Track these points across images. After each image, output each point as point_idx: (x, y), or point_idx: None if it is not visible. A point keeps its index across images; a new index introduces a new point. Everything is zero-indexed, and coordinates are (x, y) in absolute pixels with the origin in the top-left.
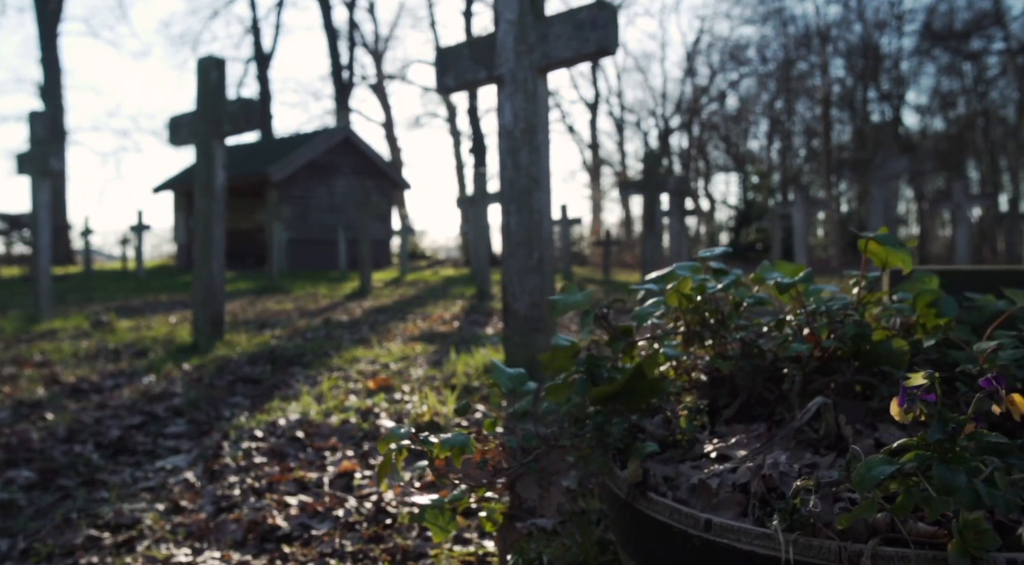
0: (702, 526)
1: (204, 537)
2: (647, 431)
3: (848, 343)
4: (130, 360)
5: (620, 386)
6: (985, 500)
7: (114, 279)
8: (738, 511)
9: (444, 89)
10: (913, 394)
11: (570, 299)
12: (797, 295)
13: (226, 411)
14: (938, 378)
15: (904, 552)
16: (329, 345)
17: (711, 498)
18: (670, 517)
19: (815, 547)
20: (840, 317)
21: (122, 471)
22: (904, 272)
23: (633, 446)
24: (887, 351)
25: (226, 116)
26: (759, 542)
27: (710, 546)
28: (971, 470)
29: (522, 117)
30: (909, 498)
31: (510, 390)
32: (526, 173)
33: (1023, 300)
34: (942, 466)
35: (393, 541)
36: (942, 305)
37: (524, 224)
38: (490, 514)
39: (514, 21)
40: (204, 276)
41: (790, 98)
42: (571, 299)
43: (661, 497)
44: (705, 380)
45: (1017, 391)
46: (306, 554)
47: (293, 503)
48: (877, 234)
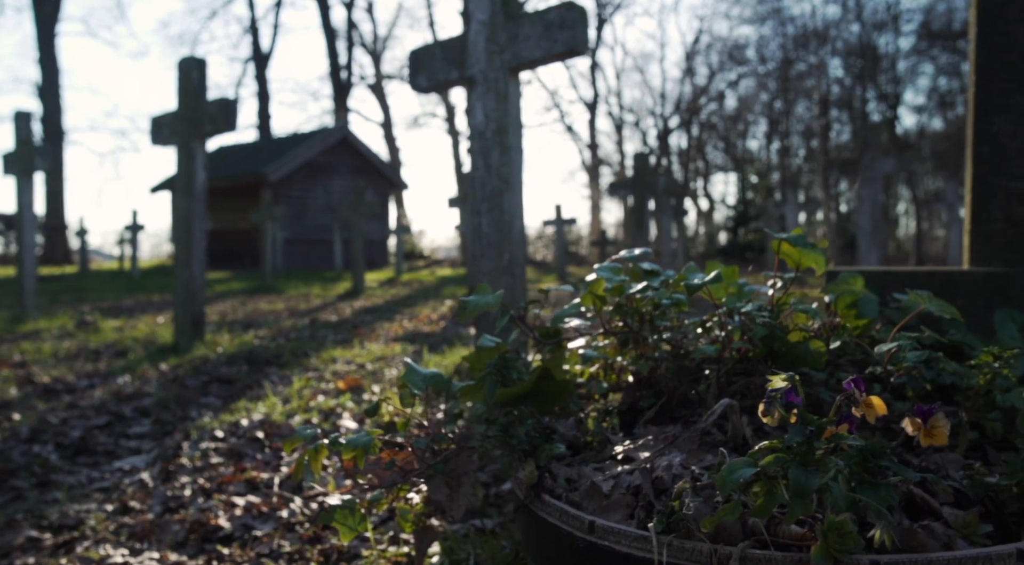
0: (586, 528)
1: (146, 537)
2: (558, 433)
3: (759, 344)
4: (109, 360)
5: (528, 388)
6: (839, 502)
7: (109, 279)
8: (627, 513)
9: (417, 89)
10: (773, 397)
11: (481, 301)
12: (710, 296)
13: (194, 411)
14: (798, 380)
15: (772, 554)
16: (310, 345)
17: (602, 500)
18: (559, 519)
19: (688, 549)
20: (750, 319)
21: (79, 472)
22: (817, 273)
23: (542, 447)
24: (804, 352)
25: (206, 116)
26: (636, 544)
27: (593, 548)
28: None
29: (493, 118)
30: (770, 500)
31: (424, 391)
32: (497, 174)
33: (928, 302)
34: (797, 468)
35: (330, 542)
36: (862, 306)
37: (495, 225)
38: (403, 515)
39: (485, 21)
40: (184, 276)
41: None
42: (482, 301)
43: (556, 499)
44: (631, 381)
45: (927, 393)
46: (243, 555)
47: (240, 504)
48: (789, 235)
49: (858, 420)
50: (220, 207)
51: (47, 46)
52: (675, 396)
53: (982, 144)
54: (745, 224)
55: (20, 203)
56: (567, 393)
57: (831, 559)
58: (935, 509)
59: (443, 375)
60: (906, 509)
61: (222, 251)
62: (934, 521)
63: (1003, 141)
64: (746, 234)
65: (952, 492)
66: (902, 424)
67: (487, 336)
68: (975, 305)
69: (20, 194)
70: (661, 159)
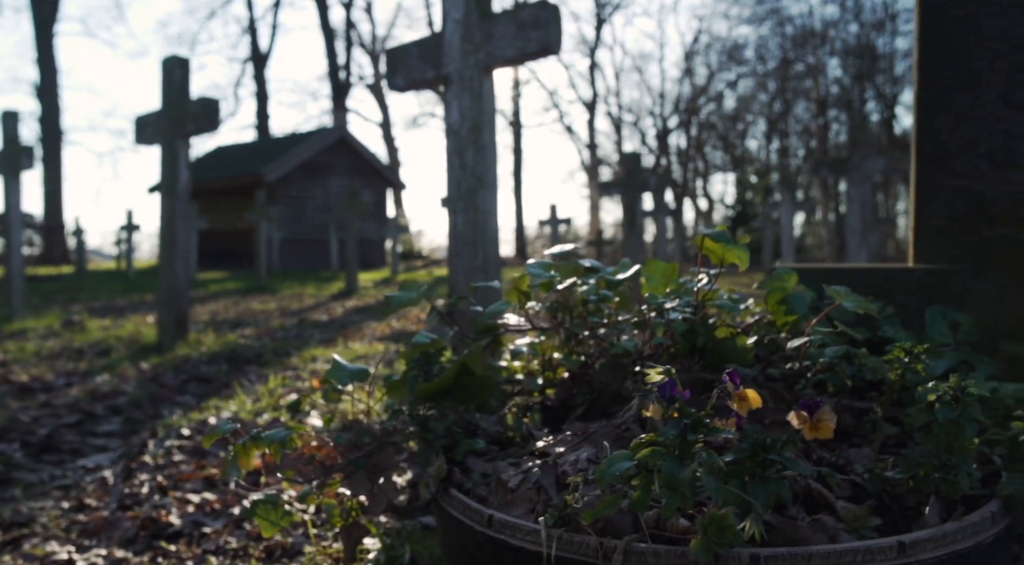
0: (485, 522)
1: (97, 535)
2: (482, 428)
3: (679, 340)
4: (91, 359)
5: (447, 383)
6: (716, 496)
7: (105, 279)
8: (529, 508)
9: (394, 88)
10: (649, 391)
11: (404, 297)
12: (632, 292)
13: (165, 410)
14: (675, 373)
15: (655, 548)
16: (293, 345)
17: (507, 495)
18: (463, 513)
19: (576, 543)
20: (671, 314)
21: (42, 470)
22: (740, 269)
23: (462, 442)
24: (731, 348)
25: (189, 116)
26: (530, 538)
27: (491, 542)
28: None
29: (468, 116)
30: (646, 494)
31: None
32: (472, 173)
33: (845, 298)
34: (669, 461)
35: (275, 538)
36: (792, 302)
37: (470, 224)
38: (329, 510)
39: (460, 20)
40: (168, 276)
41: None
42: (405, 297)
43: (464, 494)
44: (566, 377)
45: (847, 389)
46: (188, 552)
47: (195, 501)
48: (712, 231)
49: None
50: (218, 207)
51: (45, 46)
52: (606, 392)
53: (925, 141)
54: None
55: (8, 202)
56: (488, 389)
57: (711, 553)
58: (830, 503)
59: (369, 371)
60: (805, 503)
61: (220, 251)
62: (829, 515)
63: (945, 138)
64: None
65: (850, 486)
66: (787, 418)
67: (423, 332)
68: (916, 302)
69: (8, 193)
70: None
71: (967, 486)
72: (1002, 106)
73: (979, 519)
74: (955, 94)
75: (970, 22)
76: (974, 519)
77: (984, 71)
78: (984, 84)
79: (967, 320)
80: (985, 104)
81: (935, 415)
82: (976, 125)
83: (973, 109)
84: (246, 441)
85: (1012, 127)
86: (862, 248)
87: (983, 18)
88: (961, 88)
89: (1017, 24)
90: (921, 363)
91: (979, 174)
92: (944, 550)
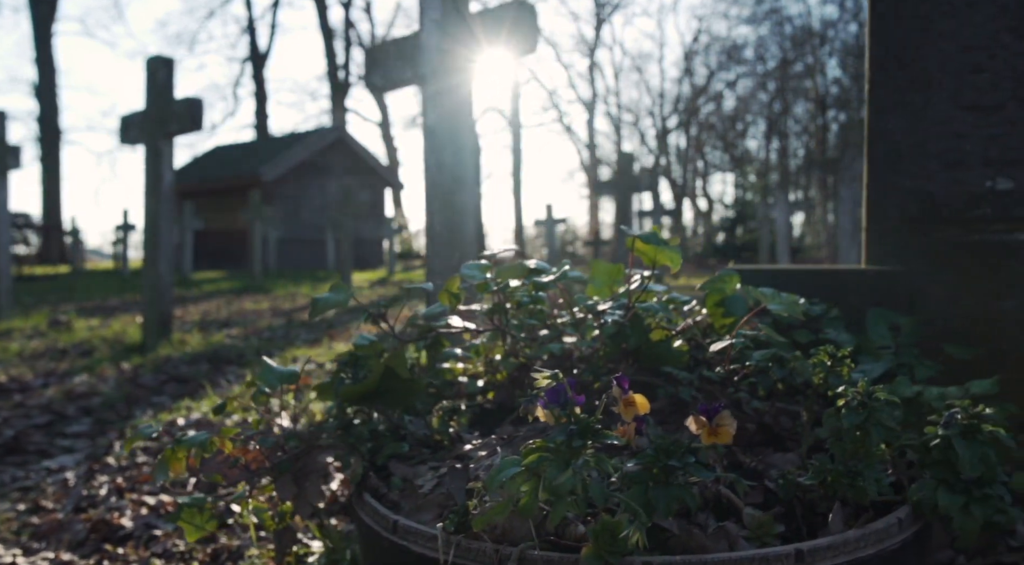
0: (391, 528)
1: (47, 537)
2: (409, 431)
3: (607, 342)
4: (73, 360)
5: (372, 386)
6: (596, 498)
7: (100, 279)
8: (438, 513)
9: (372, 87)
10: (535, 395)
11: (331, 299)
12: (563, 295)
13: (139, 411)
14: (563, 378)
15: (548, 555)
16: (278, 345)
17: (418, 499)
18: (372, 518)
19: (473, 549)
20: (606, 316)
21: (4, 471)
22: (672, 271)
23: (388, 445)
24: (666, 351)
25: (173, 116)
26: (430, 544)
27: (395, 548)
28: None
29: (446, 116)
30: (533, 499)
31: (276, 389)
32: (450, 173)
33: (771, 300)
34: (551, 467)
35: (222, 541)
36: (729, 305)
37: (447, 224)
38: (258, 514)
39: (437, 20)
40: (152, 276)
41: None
42: (332, 299)
43: (376, 499)
44: (506, 379)
45: (781, 392)
46: (136, 554)
47: (150, 503)
48: (642, 232)
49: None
50: (215, 207)
51: (44, 46)
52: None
53: (877, 142)
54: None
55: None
56: (416, 392)
57: (602, 560)
58: (738, 509)
59: (298, 373)
60: (716, 509)
61: (218, 251)
62: (735, 522)
63: (897, 139)
64: (743, 234)
65: (762, 492)
66: (686, 423)
67: (363, 334)
68: (866, 303)
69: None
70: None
71: (875, 492)
72: (952, 107)
73: (884, 526)
74: (907, 95)
75: (922, 22)
76: (878, 526)
77: (935, 72)
78: (935, 85)
79: (907, 322)
80: (936, 105)
81: (841, 420)
82: (927, 126)
83: (924, 110)
84: (172, 445)
85: (962, 128)
86: (852, 248)
87: (935, 19)
88: (913, 89)
89: (968, 25)
90: (845, 367)
91: (930, 175)
92: (845, 557)
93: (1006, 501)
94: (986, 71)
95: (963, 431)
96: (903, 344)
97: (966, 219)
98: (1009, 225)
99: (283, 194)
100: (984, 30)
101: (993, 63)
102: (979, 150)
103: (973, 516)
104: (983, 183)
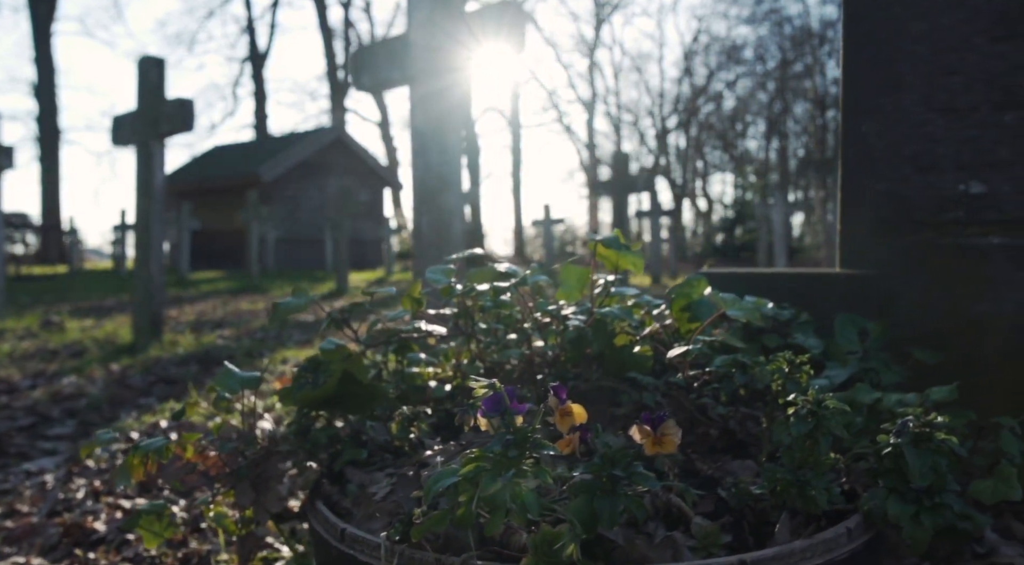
0: (339, 536)
1: (19, 542)
2: (370, 437)
3: (568, 348)
4: (63, 361)
5: (330, 391)
6: (531, 511)
7: (98, 279)
8: (388, 521)
9: (360, 88)
10: (471, 406)
11: (291, 304)
12: (532, 299)
13: (123, 413)
14: (501, 388)
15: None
16: (269, 346)
17: (369, 507)
18: (322, 526)
19: (416, 559)
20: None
21: None
22: (635, 275)
23: (347, 451)
24: (629, 356)
25: (164, 116)
26: (375, 554)
27: (343, 557)
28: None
29: (433, 117)
30: (469, 510)
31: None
32: (436, 174)
33: (729, 306)
34: (486, 477)
35: (192, 546)
36: (695, 309)
37: (433, 225)
38: (218, 520)
39: (425, 21)
40: (143, 277)
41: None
42: (292, 304)
43: (328, 506)
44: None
45: (740, 398)
46: (107, 559)
47: (126, 506)
48: (604, 237)
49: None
50: (214, 207)
51: (43, 45)
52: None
53: (850, 145)
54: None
55: None
56: (375, 397)
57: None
58: (688, 518)
59: (260, 377)
60: (667, 518)
61: (216, 251)
62: (683, 532)
63: (871, 142)
64: (742, 234)
65: (713, 501)
66: (630, 432)
67: (330, 338)
68: (838, 308)
69: None
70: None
71: (825, 502)
72: (925, 110)
73: (832, 536)
74: (880, 97)
75: (895, 24)
76: (826, 536)
77: (907, 74)
78: (908, 87)
79: (875, 327)
80: (909, 108)
81: (790, 429)
82: (900, 129)
83: (897, 112)
84: (134, 450)
85: (935, 131)
86: None
87: (908, 20)
88: (886, 91)
89: (940, 27)
90: (804, 373)
91: (903, 178)
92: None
93: (955, 510)
94: (959, 74)
95: (915, 439)
96: (871, 349)
97: (939, 223)
98: (982, 229)
99: (282, 194)
100: (957, 32)
101: (965, 66)
102: (952, 153)
103: (923, 525)
104: (956, 187)
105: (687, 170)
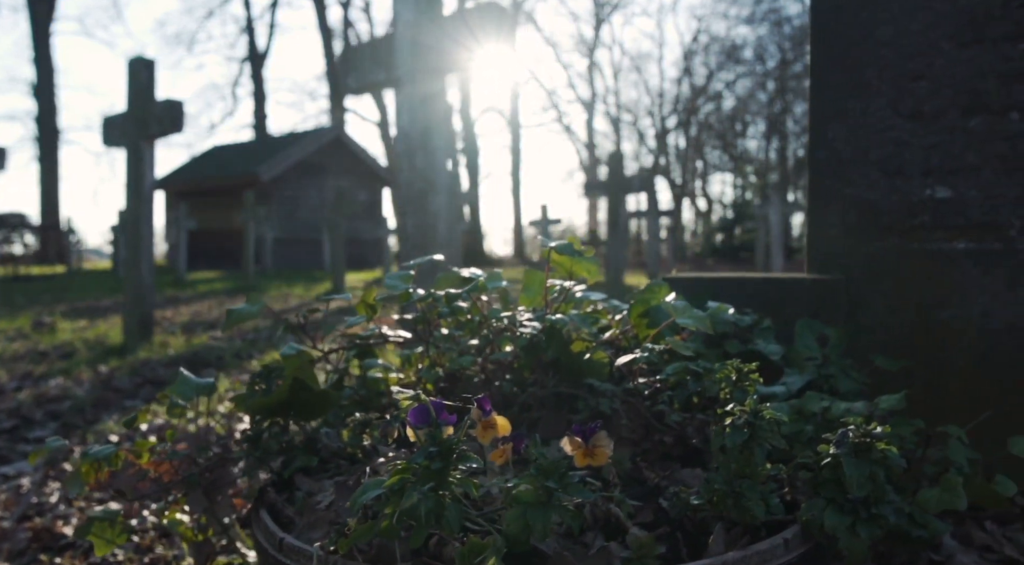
0: (277, 546)
1: None
2: (323, 444)
3: (521, 355)
4: (52, 362)
5: (281, 398)
6: (452, 526)
7: (96, 279)
8: (328, 530)
9: (347, 90)
10: (396, 417)
11: (244, 311)
12: (492, 304)
13: (106, 415)
14: (426, 400)
15: None
16: (260, 347)
17: (312, 516)
18: (263, 535)
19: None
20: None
21: None
22: (589, 281)
23: (298, 459)
24: (586, 363)
25: (154, 117)
26: (308, 563)
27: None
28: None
29: (419, 119)
30: (392, 522)
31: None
32: (422, 176)
33: (680, 314)
34: (409, 489)
35: (158, 551)
36: (654, 316)
37: (420, 226)
38: (173, 526)
39: (411, 22)
40: (133, 278)
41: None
42: (245, 311)
43: (273, 515)
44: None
45: (695, 406)
46: (72, 564)
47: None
48: (558, 243)
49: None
50: (213, 207)
51: (42, 45)
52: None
53: (818, 149)
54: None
55: None
56: (328, 403)
57: None
58: (625, 529)
59: (214, 384)
60: (605, 529)
61: (215, 251)
62: (620, 542)
63: (838, 146)
64: (741, 234)
65: (652, 511)
66: (560, 443)
67: (291, 344)
68: (806, 313)
69: None
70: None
71: (762, 512)
72: (891, 114)
73: (768, 547)
74: (848, 102)
75: (862, 29)
76: (761, 547)
77: (874, 79)
78: (875, 92)
79: (835, 333)
80: (876, 112)
81: (726, 439)
82: (867, 133)
83: (865, 117)
84: (83, 457)
85: (901, 136)
86: None
87: (875, 25)
88: (853, 96)
89: (907, 32)
90: (751, 382)
91: (871, 183)
92: None
93: (893, 521)
94: (925, 78)
95: (855, 449)
96: (830, 355)
97: (906, 228)
98: (948, 234)
99: (281, 194)
100: (923, 37)
101: (932, 70)
102: (919, 158)
103: (859, 537)
104: (923, 191)
105: (687, 170)
